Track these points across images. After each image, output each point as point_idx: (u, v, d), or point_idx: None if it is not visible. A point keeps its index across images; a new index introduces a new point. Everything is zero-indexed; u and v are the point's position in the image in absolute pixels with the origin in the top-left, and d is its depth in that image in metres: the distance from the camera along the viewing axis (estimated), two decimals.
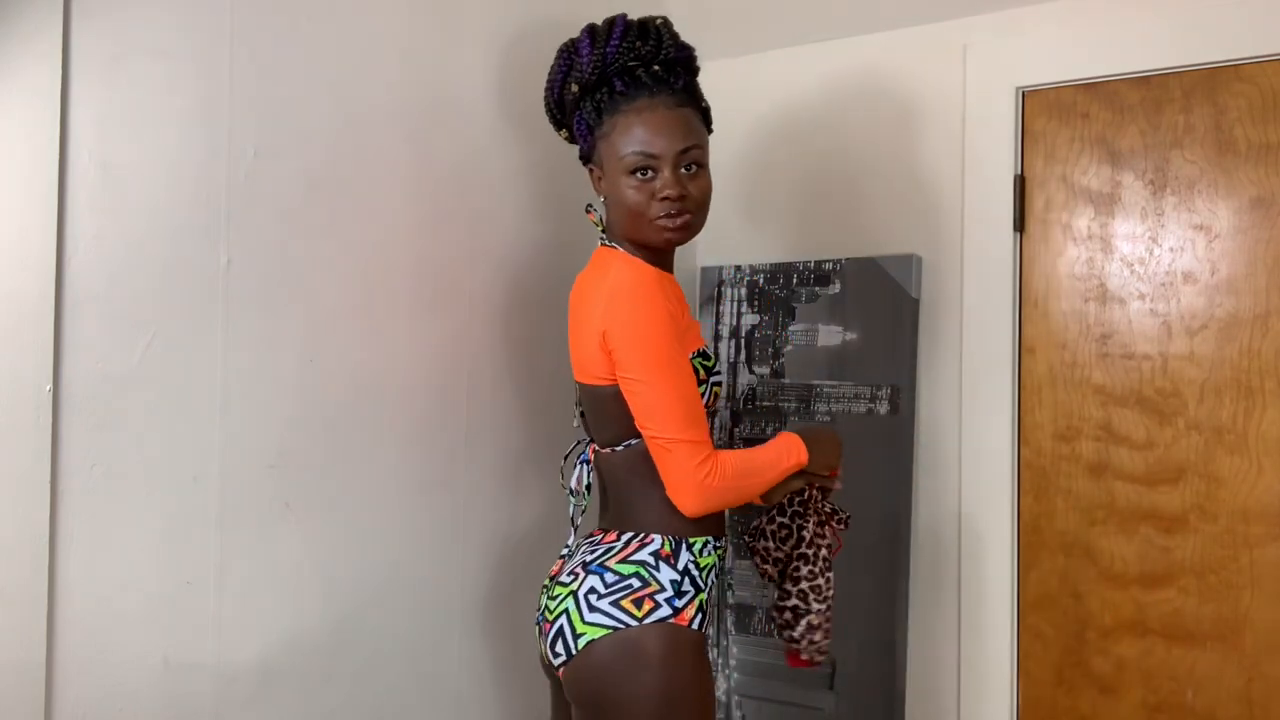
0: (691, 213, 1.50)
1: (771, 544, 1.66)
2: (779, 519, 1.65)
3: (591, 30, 1.53)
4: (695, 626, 1.45)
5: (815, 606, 1.59)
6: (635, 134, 1.47)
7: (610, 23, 1.52)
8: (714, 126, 1.61)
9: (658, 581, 1.45)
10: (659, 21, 1.53)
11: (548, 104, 1.60)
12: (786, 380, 2.21)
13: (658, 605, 1.43)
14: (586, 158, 1.59)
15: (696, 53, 1.58)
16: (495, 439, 1.86)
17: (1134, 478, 1.97)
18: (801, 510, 1.64)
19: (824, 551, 1.62)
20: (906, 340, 2.11)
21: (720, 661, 2.23)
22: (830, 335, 2.19)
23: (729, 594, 2.24)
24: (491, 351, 1.84)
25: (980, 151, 2.09)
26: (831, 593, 1.61)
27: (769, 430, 2.23)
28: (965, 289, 2.10)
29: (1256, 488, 1.86)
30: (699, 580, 1.48)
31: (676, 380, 1.43)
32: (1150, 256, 1.97)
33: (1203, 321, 1.92)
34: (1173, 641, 1.93)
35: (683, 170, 1.48)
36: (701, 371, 1.49)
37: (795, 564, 1.62)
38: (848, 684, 2.10)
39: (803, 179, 2.30)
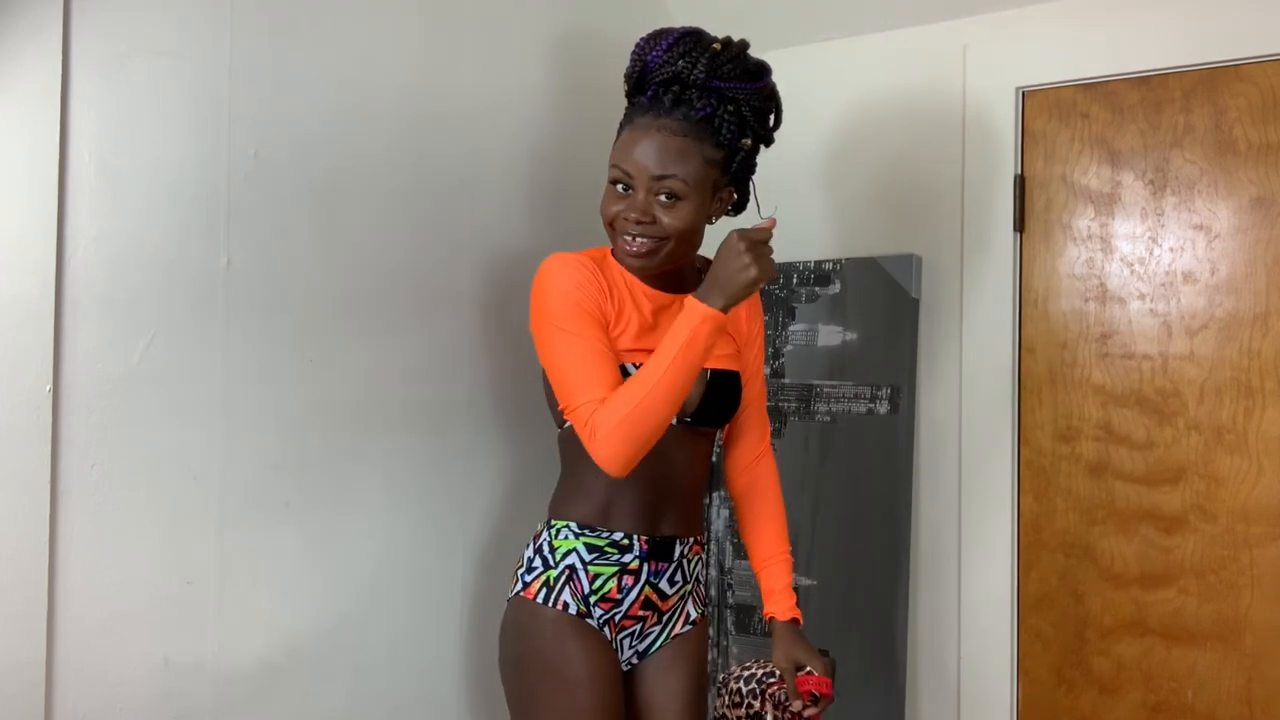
0: (654, 239, 1.45)
1: (730, 715, 1.59)
2: (733, 685, 1.58)
3: (651, 36, 1.49)
4: (541, 600, 1.50)
5: None
6: (624, 148, 1.46)
7: (669, 32, 1.48)
8: (735, 156, 1.51)
9: (524, 559, 1.56)
10: (716, 43, 1.47)
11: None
12: (786, 380, 2.21)
13: (517, 580, 1.55)
14: None
15: (754, 86, 1.49)
16: (495, 438, 1.86)
17: (1134, 478, 1.97)
18: (759, 705, 1.56)
19: None
20: (906, 340, 2.11)
21: (720, 661, 2.23)
22: (830, 335, 2.19)
23: (729, 594, 2.24)
24: (491, 351, 1.84)
25: (980, 151, 2.09)
26: None
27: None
28: (965, 289, 2.10)
29: (1256, 488, 1.86)
30: (549, 559, 1.52)
31: (563, 347, 1.43)
32: (1150, 256, 1.97)
33: (1203, 321, 1.92)
34: (1173, 641, 1.93)
35: (659, 198, 1.44)
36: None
37: None
38: (848, 684, 2.10)
39: (803, 179, 2.30)
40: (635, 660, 1.58)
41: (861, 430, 2.14)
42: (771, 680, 1.56)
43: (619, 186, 1.47)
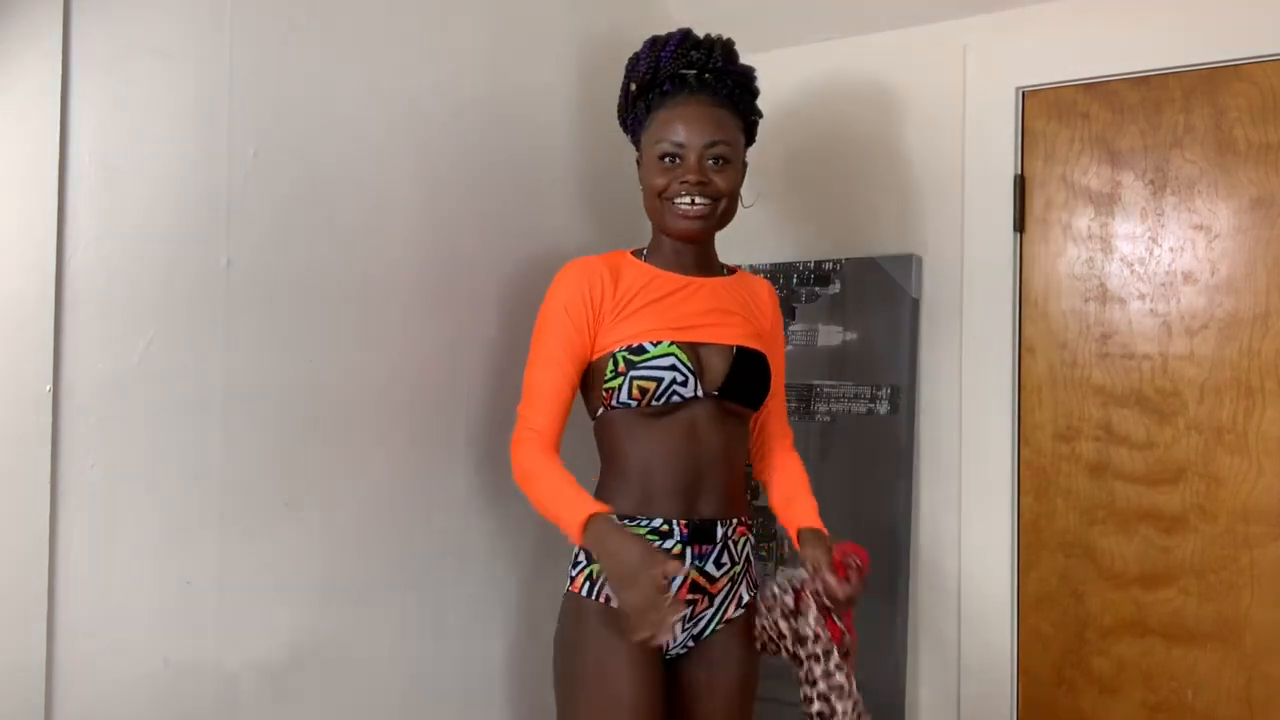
0: (710, 200, 1.59)
1: (767, 622, 1.58)
2: (766, 594, 1.58)
3: (653, 40, 1.65)
4: (584, 594, 1.58)
5: (840, 707, 1.50)
6: (668, 126, 1.59)
7: (671, 34, 1.64)
8: (751, 129, 1.71)
9: (574, 554, 1.63)
10: (718, 38, 1.65)
11: (619, 110, 1.72)
12: (787, 380, 2.21)
13: (568, 576, 1.63)
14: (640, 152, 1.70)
15: (750, 70, 1.67)
16: (495, 439, 1.86)
17: (1134, 478, 1.97)
18: (795, 604, 1.54)
19: (834, 649, 1.51)
20: (906, 340, 2.11)
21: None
22: (830, 335, 2.19)
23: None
24: (492, 351, 1.84)
25: (980, 151, 2.09)
26: (854, 686, 1.52)
27: None
28: (965, 289, 2.10)
29: (1256, 488, 1.86)
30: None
31: (534, 359, 1.62)
32: (1150, 256, 1.97)
33: (1203, 321, 1.92)
34: (1173, 641, 1.93)
35: (709, 163, 1.58)
36: (621, 364, 1.56)
37: (808, 665, 1.52)
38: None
39: (803, 179, 2.30)
40: (691, 643, 1.62)
41: (861, 430, 2.14)
42: (802, 579, 1.55)
43: (666, 160, 1.59)
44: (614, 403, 1.58)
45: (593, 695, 1.52)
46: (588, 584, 1.58)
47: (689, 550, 1.57)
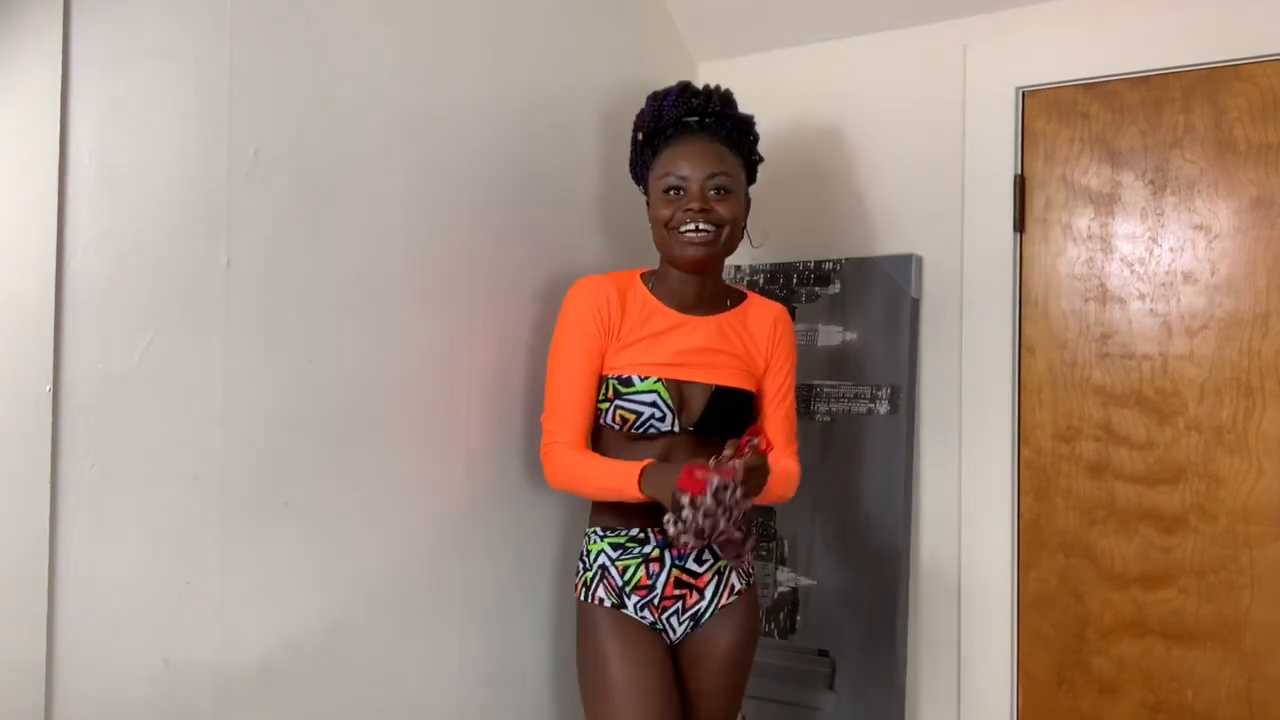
0: (714, 227, 1.68)
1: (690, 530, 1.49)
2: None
3: (654, 94, 1.78)
4: (583, 599, 1.73)
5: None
6: (672, 162, 1.70)
7: (670, 87, 1.77)
8: (752, 170, 1.81)
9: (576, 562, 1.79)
10: (717, 88, 1.76)
11: (630, 164, 1.84)
12: None
13: (574, 585, 1.78)
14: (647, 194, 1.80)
15: (749, 117, 1.78)
16: (495, 438, 1.86)
17: (1134, 478, 1.97)
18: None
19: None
20: (906, 340, 2.11)
21: None
22: (830, 335, 2.19)
23: None
24: (492, 351, 1.84)
25: (980, 151, 2.09)
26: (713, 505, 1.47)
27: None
28: (965, 289, 2.10)
29: (1256, 488, 1.86)
30: (586, 562, 1.75)
31: (555, 374, 1.73)
32: (1150, 256, 1.97)
33: (1203, 321, 1.92)
34: (1173, 641, 1.93)
35: (711, 193, 1.68)
36: (610, 391, 1.70)
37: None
38: (848, 684, 2.10)
39: (802, 179, 2.30)
40: (690, 630, 1.74)
41: (861, 430, 2.14)
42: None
43: (671, 193, 1.69)
44: (601, 422, 1.72)
45: (604, 684, 1.65)
46: (584, 590, 1.73)
47: (667, 553, 1.71)
